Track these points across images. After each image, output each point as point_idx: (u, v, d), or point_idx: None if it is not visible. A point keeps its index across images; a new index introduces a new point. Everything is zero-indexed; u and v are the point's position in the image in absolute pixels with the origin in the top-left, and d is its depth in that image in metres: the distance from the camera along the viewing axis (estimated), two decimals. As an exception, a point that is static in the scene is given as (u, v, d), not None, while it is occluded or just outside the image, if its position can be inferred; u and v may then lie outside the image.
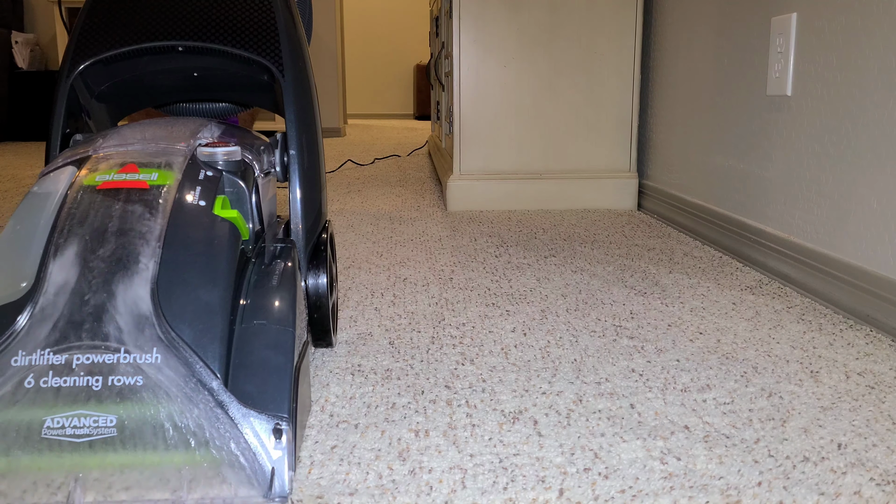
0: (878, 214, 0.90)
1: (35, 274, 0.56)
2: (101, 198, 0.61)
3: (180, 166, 0.64)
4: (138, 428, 0.51)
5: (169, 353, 0.54)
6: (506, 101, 1.71)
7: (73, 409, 0.52)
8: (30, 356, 0.53)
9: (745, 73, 1.24)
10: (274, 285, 0.62)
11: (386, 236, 1.42)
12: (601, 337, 0.85)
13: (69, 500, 0.51)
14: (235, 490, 0.51)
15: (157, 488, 0.51)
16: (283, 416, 0.54)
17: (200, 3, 0.79)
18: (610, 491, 0.52)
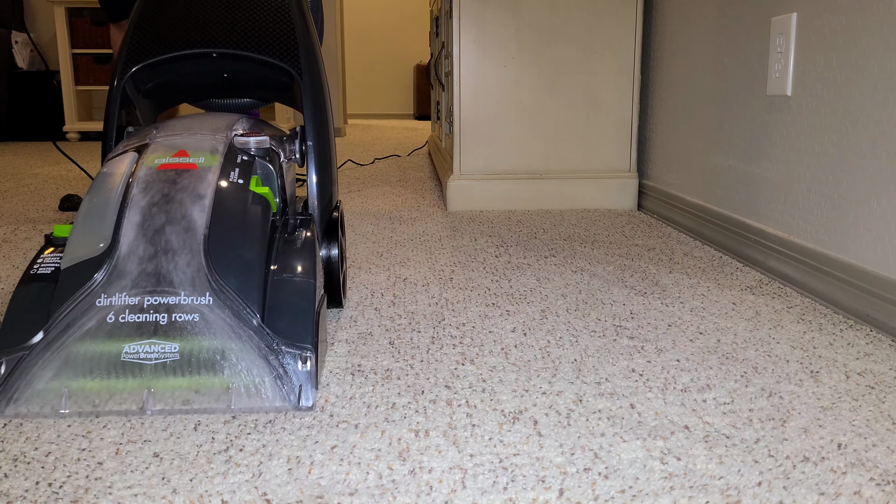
0: (878, 214, 0.90)
1: (111, 236, 0.71)
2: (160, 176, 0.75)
3: (222, 152, 0.79)
4: (195, 354, 0.66)
5: (218, 297, 0.68)
6: (506, 101, 1.71)
7: (144, 339, 0.67)
8: (110, 298, 0.68)
9: (745, 73, 1.24)
10: (298, 248, 0.76)
11: (386, 236, 1.42)
12: (601, 337, 0.85)
13: (143, 409, 0.65)
14: (272, 403, 0.66)
15: (211, 402, 0.66)
16: (307, 347, 0.68)
17: (231, 16, 0.94)
18: (610, 491, 0.52)
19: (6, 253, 1.29)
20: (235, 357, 0.67)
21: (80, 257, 0.70)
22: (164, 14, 0.94)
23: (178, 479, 0.54)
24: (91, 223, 0.72)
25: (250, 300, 0.69)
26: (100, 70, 4.01)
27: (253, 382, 0.66)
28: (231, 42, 0.93)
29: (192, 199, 0.74)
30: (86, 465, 0.56)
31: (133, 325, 0.67)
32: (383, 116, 6.84)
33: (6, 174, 2.52)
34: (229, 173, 0.77)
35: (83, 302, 0.68)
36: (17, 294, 0.70)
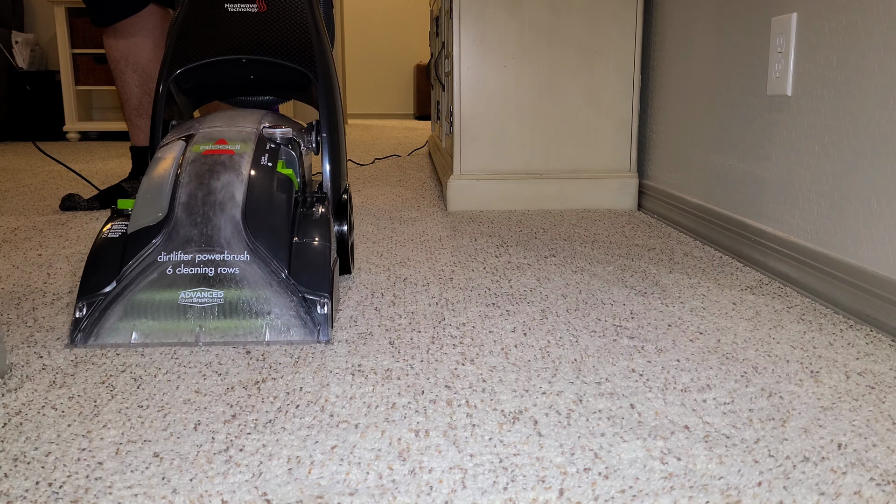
0: (878, 214, 0.90)
1: (167, 207, 0.88)
2: (205, 160, 0.93)
3: (253, 141, 0.96)
4: (236, 300, 0.84)
5: (254, 255, 0.85)
6: (506, 100, 1.71)
7: (196, 287, 0.84)
8: (168, 255, 0.85)
9: (746, 73, 1.24)
10: (316, 219, 0.93)
11: (386, 236, 1.42)
12: (601, 337, 0.85)
13: (196, 342, 0.83)
14: (297, 337, 0.83)
15: (249, 336, 0.83)
16: (325, 295, 0.85)
17: (257, 27, 1.11)
18: (610, 491, 0.52)
19: (6, 253, 1.29)
20: (268, 302, 0.84)
21: (142, 224, 0.87)
22: (202, 26, 1.11)
23: (178, 479, 0.54)
24: (150, 197, 0.90)
25: (279, 258, 0.86)
26: (100, 70, 4.01)
27: (282, 321, 0.84)
28: (258, 49, 1.09)
29: (231, 177, 0.91)
30: (86, 465, 0.56)
31: (187, 276, 0.84)
32: (383, 116, 6.83)
33: (6, 174, 2.52)
34: (260, 158, 0.94)
35: (147, 258, 0.85)
36: (93, 253, 0.87)
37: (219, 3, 1.12)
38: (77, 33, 3.96)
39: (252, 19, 1.11)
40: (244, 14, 1.11)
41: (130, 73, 1.78)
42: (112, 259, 0.85)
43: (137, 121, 1.82)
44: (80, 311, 0.83)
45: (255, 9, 1.12)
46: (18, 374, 0.73)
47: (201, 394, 0.69)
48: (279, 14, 1.12)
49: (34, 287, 1.06)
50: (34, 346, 0.82)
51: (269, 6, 1.12)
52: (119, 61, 1.78)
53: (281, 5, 1.13)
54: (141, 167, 1.85)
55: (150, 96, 1.79)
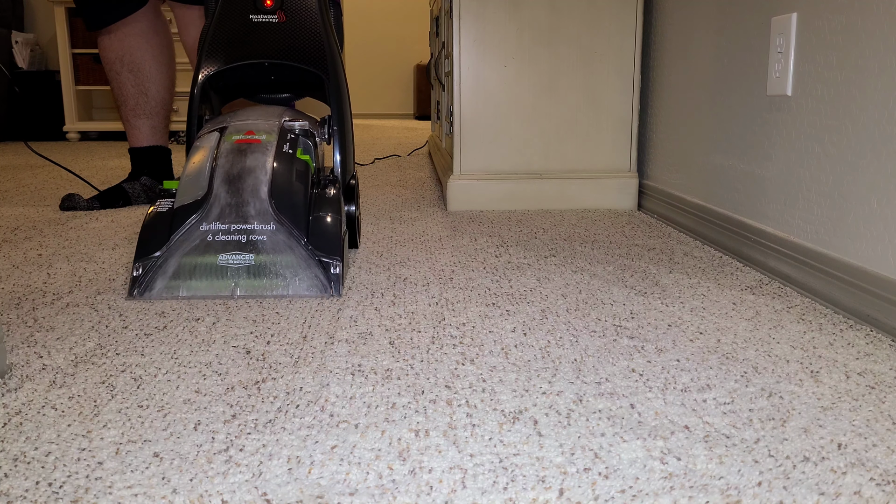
0: (878, 214, 0.90)
1: (207, 186, 1.06)
2: (237, 147, 1.11)
3: (277, 132, 1.14)
4: (264, 262, 1.02)
5: (278, 225, 1.03)
6: (506, 100, 1.71)
7: (232, 252, 1.02)
8: (209, 225, 1.03)
9: (746, 73, 1.24)
10: (329, 197, 1.10)
11: (386, 236, 1.42)
12: (601, 337, 0.85)
13: (232, 295, 1.00)
14: (314, 293, 1.01)
15: (276, 291, 1.01)
16: (337, 258, 1.03)
17: (278, 35, 1.29)
18: (610, 491, 0.52)
19: (6, 253, 1.29)
20: (290, 263, 1.02)
21: (186, 200, 1.06)
22: (230, 34, 1.29)
23: (178, 479, 0.54)
24: (192, 178, 1.08)
25: (299, 228, 1.04)
26: (99, 70, 4.01)
27: (302, 280, 1.01)
28: (278, 54, 1.27)
29: (259, 162, 1.08)
30: (86, 465, 0.56)
31: (224, 242, 1.02)
32: (383, 116, 6.83)
33: (6, 174, 2.52)
34: (282, 146, 1.12)
35: (191, 228, 1.03)
36: (146, 224, 1.05)
37: (244, 15, 1.29)
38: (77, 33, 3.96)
39: (273, 28, 1.29)
40: (266, 24, 1.29)
41: (126, 73, 1.78)
42: (162, 229, 1.03)
43: (135, 121, 1.81)
44: (136, 270, 1.01)
45: (275, 20, 1.29)
46: (18, 374, 0.73)
47: (201, 394, 0.69)
48: (296, 24, 1.30)
49: (34, 287, 1.06)
50: (34, 346, 0.82)
51: (288, 17, 1.30)
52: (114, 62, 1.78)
53: (298, 16, 1.30)
54: (144, 166, 1.85)
55: (145, 96, 1.79)
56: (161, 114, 1.84)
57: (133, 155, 1.86)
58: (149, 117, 1.81)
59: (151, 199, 1.84)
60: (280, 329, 0.87)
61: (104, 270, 1.16)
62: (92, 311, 0.95)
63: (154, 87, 1.79)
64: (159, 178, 1.86)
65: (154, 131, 1.83)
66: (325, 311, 0.94)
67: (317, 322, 0.90)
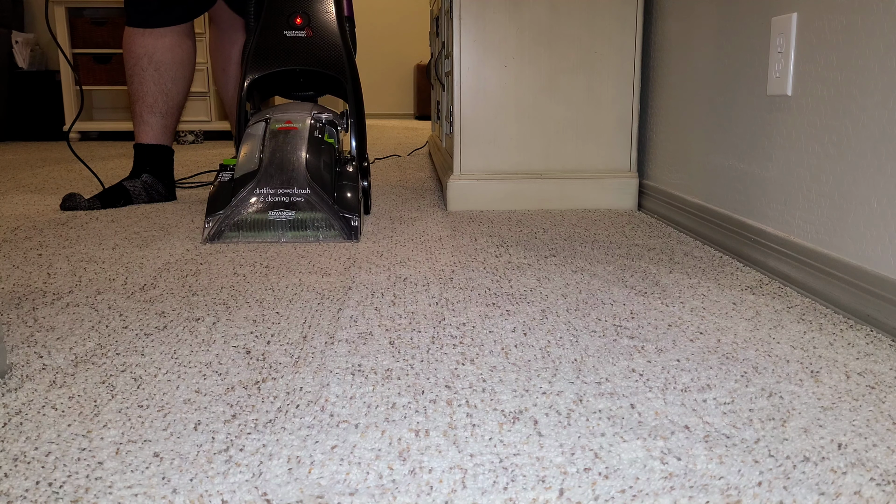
0: (878, 214, 0.90)
1: (258, 161, 1.42)
2: (280, 133, 1.46)
3: (309, 121, 1.49)
4: (303, 218, 1.37)
5: (313, 190, 1.38)
6: (506, 100, 1.71)
7: (279, 209, 1.37)
8: (261, 190, 1.38)
9: (746, 73, 1.24)
10: (349, 172, 1.46)
11: (386, 236, 1.42)
12: (601, 337, 0.85)
13: (279, 240, 1.36)
14: (339, 239, 1.37)
15: (311, 238, 1.37)
16: (356, 215, 1.39)
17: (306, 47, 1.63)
18: (610, 491, 0.52)
19: (6, 253, 1.29)
20: (322, 218, 1.37)
21: (243, 171, 1.41)
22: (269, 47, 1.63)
23: (178, 478, 0.54)
24: (247, 156, 1.44)
25: (328, 192, 1.39)
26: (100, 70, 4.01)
27: (331, 231, 1.37)
28: (307, 62, 1.61)
29: (297, 143, 1.44)
30: (86, 464, 0.56)
31: (272, 202, 1.37)
32: (383, 116, 6.83)
33: (6, 174, 2.52)
34: (314, 132, 1.47)
35: (248, 192, 1.38)
36: (213, 190, 1.40)
37: (279, 31, 1.63)
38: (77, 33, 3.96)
39: (303, 42, 1.63)
40: (297, 38, 1.63)
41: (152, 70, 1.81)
42: (226, 193, 1.39)
43: (149, 118, 1.84)
44: (207, 224, 1.36)
45: (304, 34, 1.63)
46: (18, 374, 0.73)
47: (201, 394, 0.69)
48: (321, 38, 1.63)
49: (34, 287, 1.06)
50: (34, 346, 0.82)
51: (314, 32, 1.63)
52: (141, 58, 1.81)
53: (322, 32, 1.63)
54: (147, 164, 1.87)
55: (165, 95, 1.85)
56: (174, 115, 1.89)
57: (138, 151, 1.87)
58: (163, 116, 1.85)
59: (152, 198, 1.84)
60: (280, 329, 0.87)
61: (104, 270, 1.16)
62: (92, 311, 0.95)
63: (175, 89, 1.85)
64: (160, 177, 1.87)
65: (164, 130, 1.87)
66: (325, 311, 0.94)
67: (317, 322, 0.90)
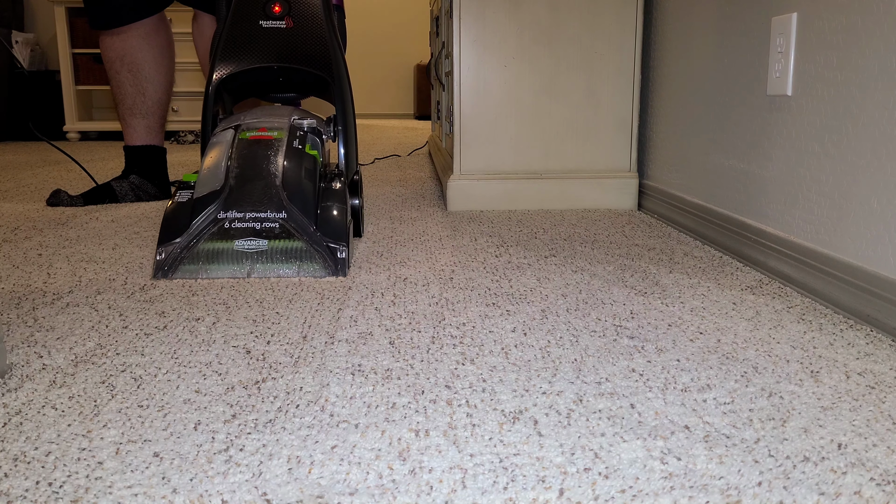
0: (878, 214, 0.90)
1: (224, 178, 1.15)
2: (250, 143, 1.19)
3: (287, 129, 1.23)
4: (277, 247, 1.10)
5: (289, 214, 1.12)
6: (506, 100, 1.71)
7: (247, 237, 1.10)
8: (226, 213, 1.11)
9: (746, 73, 1.24)
10: (335, 189, 1.19)
11: (386, 236, 1.42)
12: (601, 337, 0.85)
13: (248, 276, 1.09)
14: (321, 274, 1.10)
15: (287, 273, 1.10)
16: (343, 243, 1.12)
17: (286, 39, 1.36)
18: (610, 491, 0.52)
19: (6, 253, 1.29)
20: (300, 248, 1.11)
21: (204, 191, 1.14)
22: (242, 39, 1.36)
23: (178, 478, 0.54)
24: (210, 171, 1.16)
25: (308, 216, 1.12)
26: (100, 70, 4.01)
27: (311, 263, 1.10)
28: (286, 58, 1.34)
29: (272, 156, 1.17)
30: (86, 464, 0.56)
31: (240, 229, 1.11)
32: (383, 116, 6.83)
33: (6, 174, 2.52)
34: (293, 142, 1.20)
35: (209, 216, 1.11)
36: (168, 213, 1.12)
37: (254, 21, 1.35)
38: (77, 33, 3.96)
39: (282, 33, 1.36)
40: (275, 29, 1.36)
41: (126, 73, 1.79)
42: (182, 217, 1.11)
43: (131, 120, 1.84)
44: (159, 255, 1.09)
45: (283, 25, 1.35)
46: (18, 374, 0.73)
47: (201, 393, 0.69)
48: (303, 29, 1.36)
49: (34, 287, 1.06)
50: (34, 346, 0.82)
51: (295, 23, 1.36)
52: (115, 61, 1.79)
53: (304, 22, 1.36)
54: (135, 165, 1.87)
55: (143, 96, 1.81)
56: (157, 114, 1.86)
57: (127, 153, 1.88)
58: (144, 117, 1.83)
59: (139, 198, 1.85)
60: (280, 329, 0.87)
61: (104, 270, 1.16)
62: (92, 311, 0.95)
63: (152, 88, 1.81)
64: (150, 178, 1.88)
65: (149, 131, 1.85)
66: (325, 311, 0.94)
67: (317, 322, 0.90)
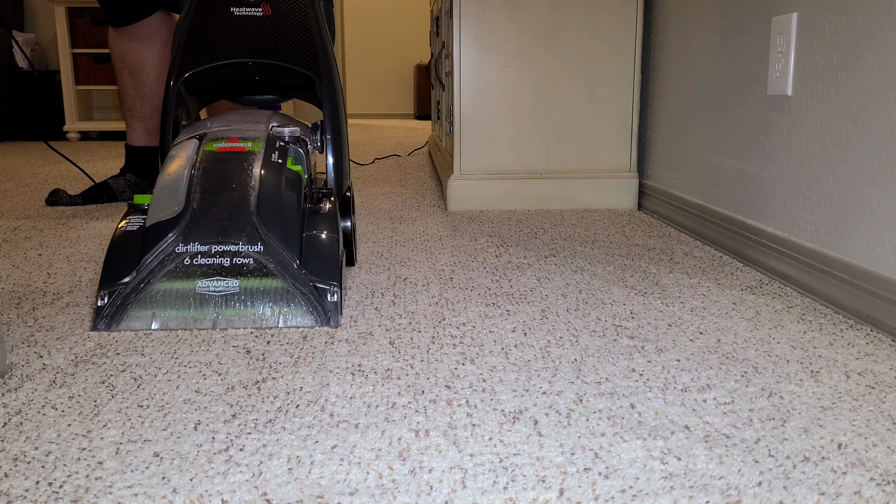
0: (878, 214, 0.90)
1: (184, 201, 0.91)
2: (218, 157, 0.97)
3: (264, 139, 1.01)
4: (251, 289, 0.88)
5: (267, 246, 0.89)
6: (506, 100, 1.71)
7: (213, 277, 0.87)
8: (186, 246, 0.88)
9: (746, 73, 1.24)
10: (324, 213, 0.97)
11: (386, 236, 1.42)
12: (601, 337, 0.85)
13: (213, 327, 0.86)
14: (308, 323, 0.87)
15: (264, 323, 0.86)
16: (335, 283, 0.89)
17: (262, 30, 1.14)
18: (610, 491, 0.52)
19: (6, 252, 1.29)
20: (281, 290, 0.88)
21: (160, 217, 0.90)
22: (209, 30, 1.14)
23: (178, 478, 0.54)
24: (167, 192, 0.93)
25: (291, 249, 0.90)
26: (100, 70, 4.01)
27: (295, 308, 0.88)
28: (263, 53, 1.13)
29: (244, 173, 0.95)
30: (86, 464, 0.56)
31: (204, 266, 0.88)
32: (383, 116, 6.83)
33: (6, 174, 2.52)
34: (270, 155, 0.98)
35: (165, 249, 0.88)
36: (113, 245, 0.90)
37: (225, 8, 1.15)
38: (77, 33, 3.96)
39: (257, 23, 1.14)
40: (250, 18, 1.15)
41: (126, 74, 1.80)
42: (131, 251, 0.89)
43: (131, 121, 1.86)
44: (101, 299, 0.87)
45: (259, 12, 1.15)
46: (18, 374, 0.73)
47: (201, 393, 0.69)
48: (283, 17, 1.15)
49: (34, 287, 1.06)
50: (34, 346, 0.82)
51: (274, 10, 1.15)
52: (117, 61, 1.81)
53: (285, 9, 1.16)
54: (132, 165, 1.88)
55: (141, 99, 1.82)
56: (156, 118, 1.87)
57: (127, 151, 1.91)
58: (143, 120, 1.85)
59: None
60: (280, 329, 0.87)
61: (104, 270, 1.16)
62: (92, 311, 0.95)
63: (150, 92, 1.82)
64: (146, 177, 1.89)
65: (147, 133, 1.87)
66: (325, 311, 0.94)
67: (317, 322, 0.90)
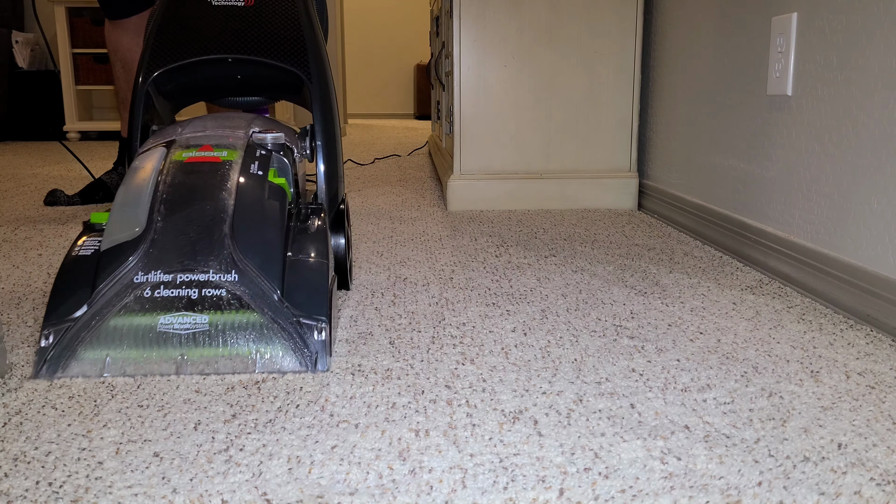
0: (878, 214, 0.90)
1: (146, 221, 0.78)
2: (188, 169, 0.83)
3: (242, 147, 0.87)
4: (223, 326, 0.74)
5: (242, 274, 0.75)
6: (506, 100, 1.71)
7: (178, 312, 0.74)
8: (146, 276, 0.75)
9: (746, 73, 1.24)
10: (312, 233, 0.84)
11: (386, 236, 1.42)
12: (601, 337, 0.85)
13: (178, 372, 0.72)
14: (291, 367, 0.74)
15: (238, 367, 0.73)
16: (323, 318, 0.75)
17: (245, 23, 1.02)
18: (610, 491, 0.52)
19: (6, 253, 1.29)
20: (259, 327, 0.74)
21: (118, 240, 0.77)
22: (184, 22, 1.02)
23: (178, 478, 0.54)
24: (127, 210, 0.80)
25: (271, 277, 0.76)
26: (100, 69, 4.01)
27: (274, 349, 0.74)
28: (245, 48, 1.01)
29: (217, 188, 0.81)
30: (86, 464, 0.56)
31: (167, 299, 0.74)
32: (384, 116, 6.83)
33: (6, 174, 2.52)
34: (249, 166, 0.85)
35: (122, 279, 0.75)
36: (62, 273, 0.77)
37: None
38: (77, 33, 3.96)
39: (239, 14, 1.02)
40: (230, 8, 1.03)
41: (119, 66, 1.81)
42: (83, 280, 0.75)
43: (124, 113, 1.87)
44: (45, 339, 0.72)
45: (241, 3, 1.03)
46: (18, 374, 0.73)
47: (201, 393, 0.69)
48: (269, 8, 1.03)
49: (34, 287, 1.06)
50: (34, 346, 0.82)
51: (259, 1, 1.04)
52: (111, 53, 1.83)
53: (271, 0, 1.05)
54: (122, 158, 1.89)
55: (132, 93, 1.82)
56: None
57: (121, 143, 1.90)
58: None
59: None
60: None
61: (104, 270, 1.16)
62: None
63: None
64: None
65: None
66: (325, 311, 0.94)
67: (317, 322, 0.90)
